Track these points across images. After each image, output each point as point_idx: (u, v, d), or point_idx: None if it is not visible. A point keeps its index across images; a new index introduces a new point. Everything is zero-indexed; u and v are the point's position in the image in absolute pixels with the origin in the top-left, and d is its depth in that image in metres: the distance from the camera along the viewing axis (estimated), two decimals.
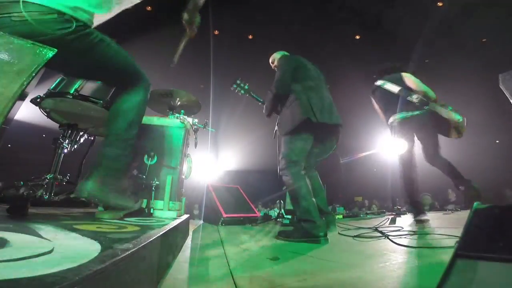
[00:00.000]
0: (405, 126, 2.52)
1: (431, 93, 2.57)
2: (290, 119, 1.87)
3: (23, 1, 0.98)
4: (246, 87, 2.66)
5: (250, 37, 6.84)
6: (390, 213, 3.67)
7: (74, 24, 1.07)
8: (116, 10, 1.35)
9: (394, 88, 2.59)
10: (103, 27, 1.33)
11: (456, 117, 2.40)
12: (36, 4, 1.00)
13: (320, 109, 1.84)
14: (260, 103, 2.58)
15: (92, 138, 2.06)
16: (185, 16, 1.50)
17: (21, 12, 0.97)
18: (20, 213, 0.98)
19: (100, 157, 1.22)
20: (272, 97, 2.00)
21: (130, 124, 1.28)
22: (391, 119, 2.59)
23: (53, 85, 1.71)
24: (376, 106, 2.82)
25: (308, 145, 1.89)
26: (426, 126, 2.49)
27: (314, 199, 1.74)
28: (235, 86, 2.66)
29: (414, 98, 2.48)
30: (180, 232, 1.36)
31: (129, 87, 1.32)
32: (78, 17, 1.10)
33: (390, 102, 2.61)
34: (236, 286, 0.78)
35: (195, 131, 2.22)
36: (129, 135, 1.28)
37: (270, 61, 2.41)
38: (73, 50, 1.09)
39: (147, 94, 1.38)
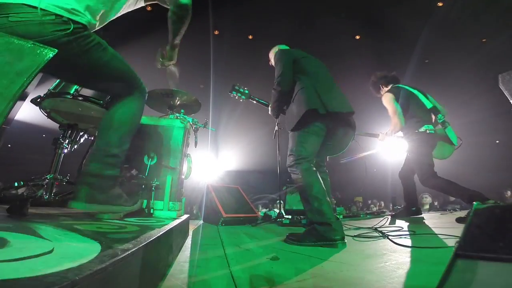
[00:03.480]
0: (435, 139, 2.68)
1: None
2: (296, 112, 1.69)
3: (21, 3, 0.98)
4: (246, 91, 2.50)
5: (250, 37, 6.84)
6: (390, 213, 3.67)
7: (72, 27, 1.06)
8: (120, 12, 1.34)
9: (427, 102, 2.79)
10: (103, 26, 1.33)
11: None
12: (34, 6, 0.99)
13: (328, 97, 1.67)
14: (265, 106, 2.43)
15: (92, 138, 2.06)
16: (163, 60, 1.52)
17: (19, 12, 0.97)
18: (20, 213, 0.98)
19: (85, 175, 1.18)
20: (277, 95, 1.84)
21: (121, 138, 1.23)
22: (424, 128, 2.68)
23: (53, 85, 1.71)
24: (392, 104, 2.82)
25: (319, 139, 1.70)
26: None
27: (327, 199, 1.55)
28: (234, 92, 2.51)
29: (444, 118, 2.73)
30: (180, 232, 1.36)
31: (124, 95, 1.27)
32: (77, 19, 1.09)
33: (418, 111, 2.76)
34: (236, 286, 0.78)
35: (195, 130, 2.22)
36: (118, 151, 1.23)
37: (270, 57, 2.24)
38: (69, 52, 1.07)
39: (141, 104, 1.33)
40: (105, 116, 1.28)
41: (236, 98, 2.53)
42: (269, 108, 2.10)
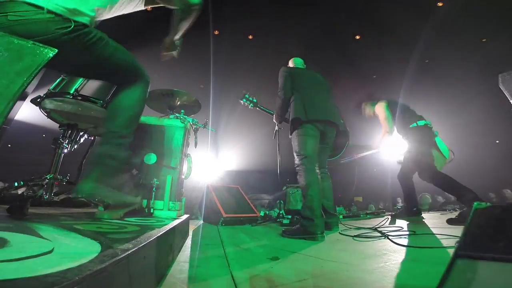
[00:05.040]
0: (433, 134, 2.76)
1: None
2: (290, 120, 2.13)
3: (21, 2, 0.97)
4: (254, 100, 2.93)
5: (250, 37, 6.84)
6: (390, 213, 3.67)
7: (73, 25, 1.06)
8: (116, 12, 1.35)
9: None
10: (102, 26, 1.33)
11: None
12: (33, 4, 0.99)
13: (311, 108, 2.08)
14: (269, 114, 2.81)
15: (92, 138, 2.06)
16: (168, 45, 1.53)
17: (18, 11, 0.96)
18: (20, 213, 0.98)
19: (97, 156, 1.21)
20: (280, 101, 2.23)
21: (128, 121, 1.27)
22: (422, 122, 2.78)
23: (53, 85, 1.71)
24: (384, 111, 2.99)
25: (314, 139, 2.04)
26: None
27: (319, 198, 1.87)
28: (244, 100, 2.91)
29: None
30: (180, 232, 1.36)
31: (128, 83, 1.31)
32: (77, 19, 1.09)
33: (411, 112, 2.91)
34: (236, 286, 0.78)
35: (195, 130, 2.22)
36: (126, 132, 1.27)
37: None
38: (71, 49, 1.08)
39: (146, 91, 1.37)
40: (111, 103, 1.32)
41: (245, 105, 2.94)
42: (274, 116, 2.46)
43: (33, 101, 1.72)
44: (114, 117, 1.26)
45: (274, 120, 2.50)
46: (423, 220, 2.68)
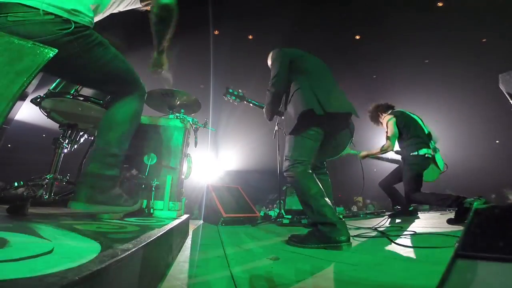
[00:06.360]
0: (429, 163, 2.85)
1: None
2: (293, 114, 1.59)
3: (20, 3, 0.97)
4: (241, 94, 2.43)
5: (250, 37, 6.84)
6: (389, 213, 3.67)
7: (73, 26, 1.06)
8: (112, 8, 1.34)
9: (425, 128, 2.99)
10: (102, 25, 1.33)
11: None
12: (32, 7, 0.99)
13: (326, 97, 1.56)
14: (260, 108, 2.39)
15: (92, 138, 2.06)
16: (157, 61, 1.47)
17: (18, 12, 0.96)
18: (20, 213, 0.98)
19: (85, 175, 1.17)
20: (271, 97, 1.74)
21: (120, 138, 1.23)
22: (423, 151, 2.82)
23: (53, 85, 1.71)
24: (392, 127, 3.01)
25: (316, 143, 1.62)
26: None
27: (327, 199, 1.49)
28: (228, 96, 2.43)
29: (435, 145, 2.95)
30: (180, 232, 1.36)
31: (123, 95, 1.27)
32: (77, 20, 1.09)
33: (419, 134, 2.92)
34: (236, 286, 0.78)
35: (195, 130, 2.22)
36: (118, 150, 1.22)
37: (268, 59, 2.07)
38: (71, 51, 1.07)
39: (141, 104, 1.33)
40: (105, 116, 1.27)
41: (231, 101, 2.45)
42: (264, 111, 1.97)
43: (33, 101, 1.72)
44: (106, 132, 1.22)
45: (264, 116, 1.98)
46: (419, 219, 2.73)
